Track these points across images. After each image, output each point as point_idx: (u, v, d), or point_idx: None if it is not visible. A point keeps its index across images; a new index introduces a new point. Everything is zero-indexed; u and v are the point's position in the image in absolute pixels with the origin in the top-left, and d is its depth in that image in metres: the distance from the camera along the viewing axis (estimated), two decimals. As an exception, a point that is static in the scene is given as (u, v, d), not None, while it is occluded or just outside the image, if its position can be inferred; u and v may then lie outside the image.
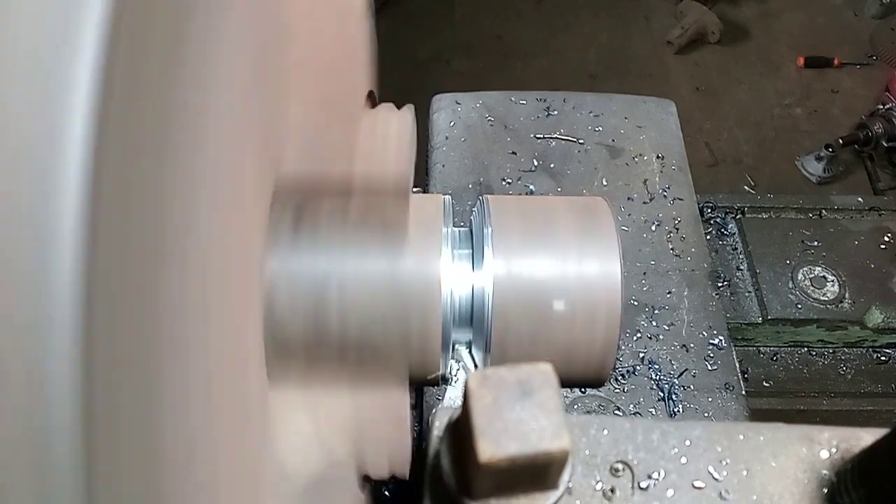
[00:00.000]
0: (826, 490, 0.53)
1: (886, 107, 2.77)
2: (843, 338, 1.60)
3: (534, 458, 0.43)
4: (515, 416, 0.44)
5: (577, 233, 0.64)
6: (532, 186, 1.36)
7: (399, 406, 0.61)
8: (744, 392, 1.19)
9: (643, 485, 0.53)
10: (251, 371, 0.50)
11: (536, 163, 1.40)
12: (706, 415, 1.14)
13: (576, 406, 1.13)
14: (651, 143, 1.44)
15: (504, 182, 1.37)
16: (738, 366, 1.22)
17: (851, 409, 1.55)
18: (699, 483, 0.53)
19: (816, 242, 1.65)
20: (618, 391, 1.15)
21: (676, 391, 1.15)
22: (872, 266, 1.63)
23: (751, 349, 1.62)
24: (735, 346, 1.26)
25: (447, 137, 1.42)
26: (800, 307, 1.56)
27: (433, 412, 0.55)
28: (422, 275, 0.59)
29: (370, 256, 0.57)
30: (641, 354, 1.19)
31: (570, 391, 1.13)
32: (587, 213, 0.66)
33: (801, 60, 3.38)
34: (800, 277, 1.60)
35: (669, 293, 1.25)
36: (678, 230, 1.33)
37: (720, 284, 1.49)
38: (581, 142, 1.43)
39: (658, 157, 1.42)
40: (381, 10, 3.38)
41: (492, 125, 1.44)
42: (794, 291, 1.58)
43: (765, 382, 1.59)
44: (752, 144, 3.12)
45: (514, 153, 1.41)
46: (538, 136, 1.44)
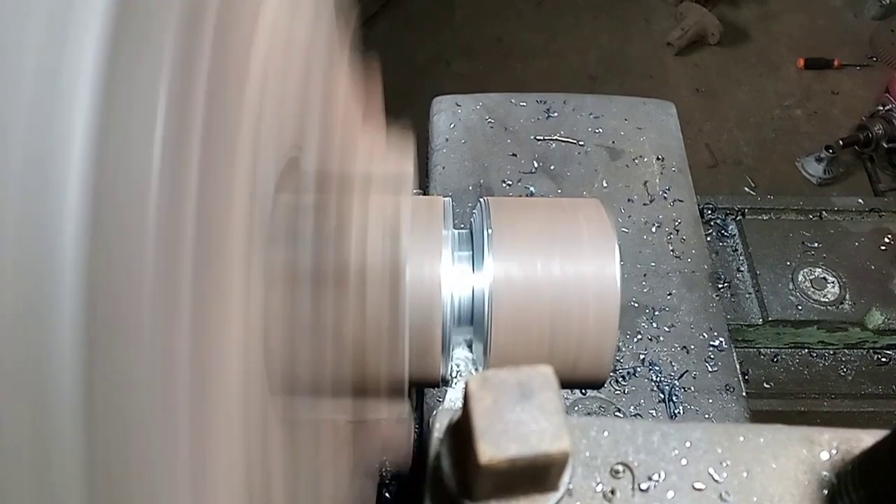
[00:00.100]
0: (826, 491, 0.53)
1: (886, 108, 2.77)
2: (844, 339, 1.60)
3: (534, 460, 0.43)
4: (515, 418, 0.44)
5: (576, 235, 0.64)
6: (532, 188, 1.36)
7: (399, 407, 0.61)
8: (744, 393, 1.19)
9: (643, 486, 0.53)
10: (251, 376, 0.50)
11: (536, 164, 1.40)
12: (707, 416, 1.14)
13: (576, 408, 1.13)
14: (651, 145, 1.44)
15: (504, 184, 1.37)
16: (739, 367, 1.22)
17: (852, 411, 1.55)
18: (699, 484, 0.53)
19: (817, 244, 1.65)
20: (618, 393, 1.15)
21: (677, 393, 1.15)
22: (873, 267, 1.63)
23: (751, 350, 1.62)
24: (735, 348, 1.26)
25: (447, 139, 1.42)
26: (800, 308, 1.56)
27: (433, 414, 0.55)
28: (422, 276, 0.59)
29: (370, 255, 0.58)
30: (642, 356, 1.19)
31: (571, 393, 1.13)
32: (586, 215, 0.66)
33: (801, 62, 3.38)
34: (800, 279, 1.60)
35: (670, 295, 1.25)
36: (678, 232, 1.33)
37: (720, 286, 1.49)
38: (581, 143, 1.43)
39: (658, 159, 1.42)
40: (381, 13, 3.39)
41: (492, 127, 1.45)
42: (795, 293, 1.58)
43: (765, 384, 1.59)
44: (753, 146, 3.12)
45: (515, 155, 1.41)
46: (538, 138, 1.44)
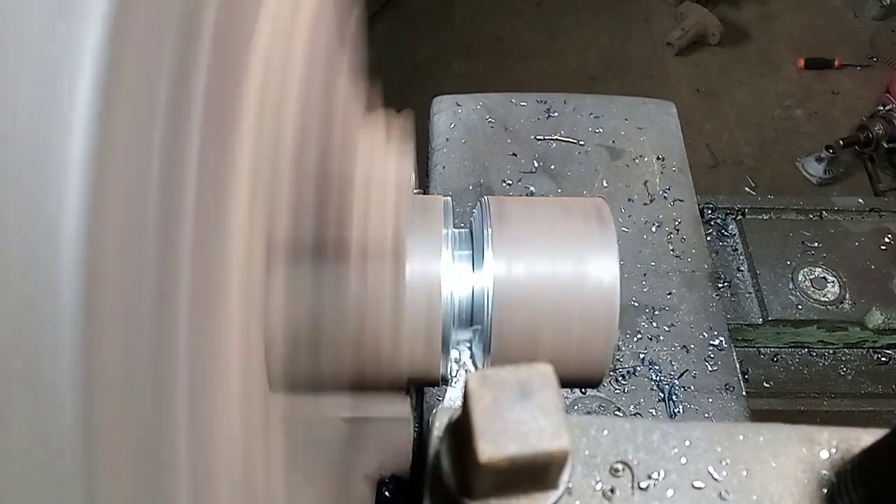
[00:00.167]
0: (826, 490, 0.53)
1: (887, 108, 2.77)
2: (844, 339, 1.60)
3: (533, 459, 0.43)
4: (515, 417, 0.44)
5: (576, 234, 0.64)
6: (532, 188, 1.36)
7: (400, 406, 0.61)
8: (744, 393, 1.19)
9: (643, 485, 0.53)
10: (251, 375, 0.50)
11: (537, 164, 1.40)
12: (706, 415, 1.14)
13: (576, 407, 1.13)
14: (651, 145, 1.44)
15: (504, 183, 1.37)
16: (739, 366, 1.22)
17: (852, 410, 1.55)
18: (699, 483, 0.53)
19: (817, 243, 1.65)
20: (618, 392, 1.15)
21: (677, 392, 1.15)
22: (873, 267, 1.63)
23: (751, 350, 1.62)
24: (735, 347, 1.26)
25: (447, 139, 1.42)
26: (800, 308, 1.56)
27: (433, 413, 0.55)
28: (422, 276, 0.60)
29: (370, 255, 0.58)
30: (642, 355, 1.19)
31: (571, 392, 1.13)
32: (586, 215, 0.66)
33: (802, 62, 3.38)
34: (800, 278, 1.60)
35: (670, 294, 1.25)
36: (678, 231, 1.33)
37: (720, 285, 1.49)
38: (581, 143, 1.43)
39: (658, 159, 1.42)
40: (381, 13, 3.38)
41: (492, 127, 1.45)
42: (795, 292, 1.58)
43: (765, 383, 1.59)
44: (753, 146, 3.12)
45: (515, 155, 1.41)
46: (538, 138, 1.44)
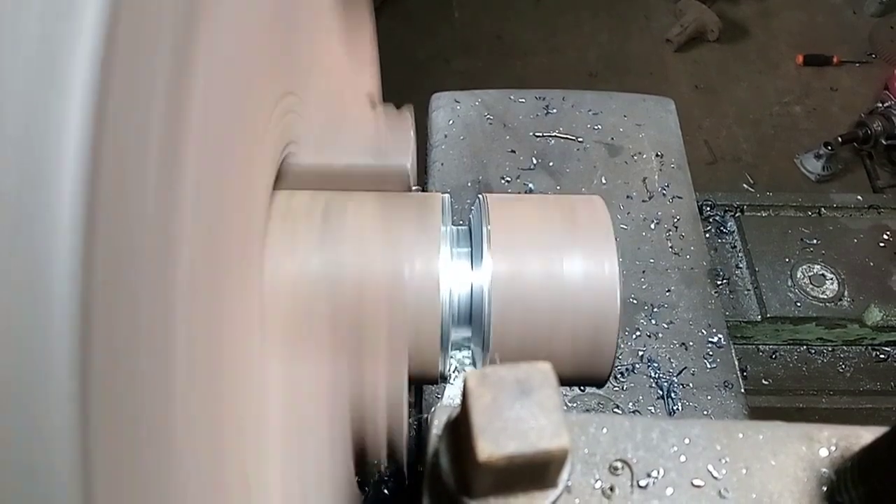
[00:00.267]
0: (825, 488, 0.52)
1: (885, 105, 2.77)
2: (843, 336, 1.60)
3: (533, 457, 0.43)
4: (514, 415, 0.44)
5: (575, 231, 0.64)
6: (531, 185, 1.36)
7: (397, 395, 0.61)
8: (743, 390, 1.19)
9: (642, 483, 0.53)
10: (250, 363, 0.50)
11: (535, 161, 1.40)
12: (705, 413, 1.14)
13: (575, 404, 1.13)
14: (650, 142, 1.44)
15: (503, 180, 1.37)
16: (738, 364, 1.22)
17: (850, 407, 1.56)
18: (698, 481, 0.53)
19: (815, 240, 1.65)
20: (617, 389, 1.15)
21: (675, 389, 1.15)
22: (871, 264, 1.63)
23: (750, 347, 1.62)
24: (734, 344, 1.26)
25: (446, 136, 1.42)
26: (799, 305, 1.56)
27: (432, 411, 0.55)
28: (421, 273, 0.59)
29: (369, 253, 0.57)
30: (640, 352, 1.19)
31: (570, 389, 1.13)
32: (585, 212, 0.66)
33: (801, 58, 3.37)
34: (799, 275, 1.60)
35: (668, 291, 1.25)
36: (677, 228, 1.33)
37: (719, 282, 1.49)
38: (580, 140, 1.43)
39: (657, 156, 1.42)
40: (380, 10, 3.38)
41: (491, 123, 1.44)
42: (794, 289, 1.58)
43: (764, 380, 1.59)
44: (752, 142, 3.12)
45: (513, 151, 1.41)
46: (537, 135, 1.44)
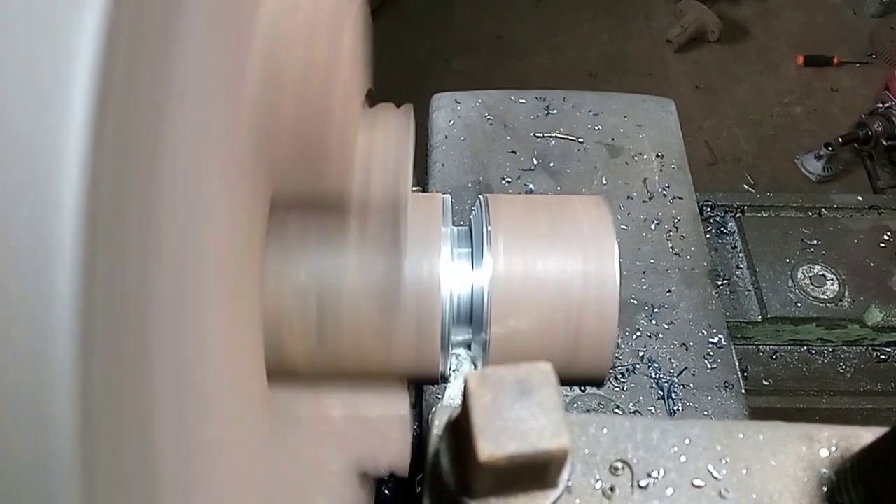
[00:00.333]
0: (826, 489, 0.53)
1: (886, 105, 2.77)
2: (843, 336, 1.60)
3: (533, 457, 0.43)
4: (515, 415, 0.44)
5: (576, 231, 0.64)
6: (531, 185, 1.36)
7: (399, 404, 0.61)
8: (743, 390, 1.19)
9: (643, 483, 0.53)
10: (251, 374, 0.49)
11: (536, 161, 1.40)
12: (706, 413, 1.14)
13: (575, 405, 1.13)
14: (651, 142, 1.44)
15: (503, 181, 1.37)
16: (738, 364, 1.22)
17: (851, 408, 1.55)
18: (699, 482, 0.53)
19: (816, 241, 1.65)
20: (617, 390, 1.15)
21: (676, 390, 1.15)
22: (872, 264, 1.63)
23: (750, 348, 1.62)
24: (734, 345, 1.26)
25: (447, 136, 1.42)
26: (799, 306, 1.56)
27: (433, 411, 0.55)
28: (421, 274, 0.59)
29: (370, 258, 0.57)
30: (641, 353, 1.19)
31: (570, 390, 1.13)
32: (586, 212, 0.66)
33: (801, 59, 3.37)
34: (799, 276, 1.60)
35: (669, 292, 1.25)
36: (678, 229, 1.33)
37: (720, 283, 1.49)
38: (581, 140, 1.43)
39: (658, 156, 1.42)
40: (380, 10, 3.38)
41: (491, 124, 1.44)
42: (794, 290, 1.58)
43: (764, 381, 1.59)
44: (752, 143, 3.12)
45: (514, 152, 1.41)
46: (538, 135, 1.44)
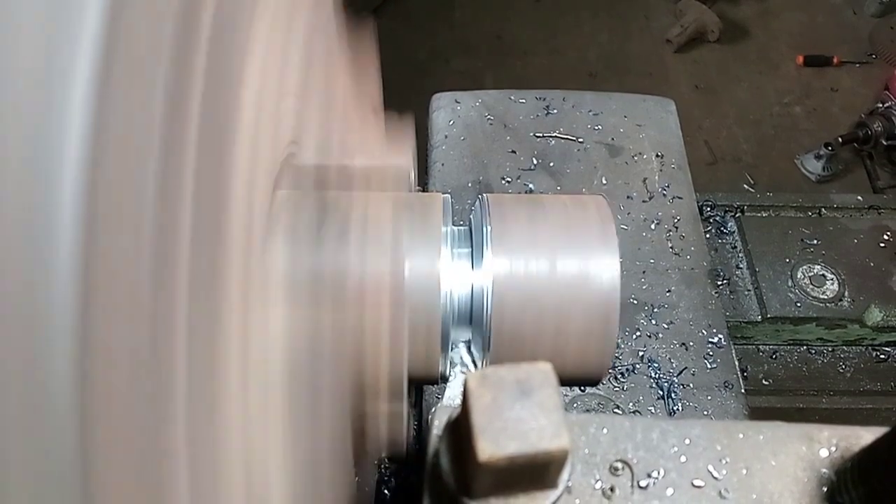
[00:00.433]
0: (826, 489, 0.52)
1: (886, 105, 2.77)
2: (843, 336, 1.60)
3: (533, 458, 0.43)
4: (515, 416, 0.44)
5: (576, 231, 0.64)
6: (531, 185, 1.36)
7: (396, 403, 0.61)
8: (743, 390, 1.19)
9: (643, 483, 0.53)
10: (250, 373, 0.49)
11: (536, 161, 1.40)
12: (705, 413, 1.14)
13: (575, 404, 1.13)
14: (650, 142, 1.44)
15: (503, 181, 1.37)
16: (738, 364, 1.22)
17: (851, 408, 1.55)
18: (699, 482, 0.53)
19: (816, 241, 1.65)
20: (617, 389, 1.15)
21: (676, 389, 1.15)
22: (872, 264, 1.63)
23: (750, 347, 1.62)
24: (734, 345, 1.26)
25: (446, 136, 1.42)
26: (799, 305, 1.56)
27: (432, 411, 0.55)
28: (421, 273, 0.59)
29: (369, 253, 0.57)
30: (641, 353, 1.19)
31: (570, 390, 1.13)
32: (586, 212, 0.66)
33: (801, 59, 3.37)
34: (799, 276, 1.60)
35: (669, 291, 1.25)
36: (677, 229, 1.33)
37: (719, 283, 1.49)
38: (580, 140, 1.43)
39: (657, 156, 1.42)
40: (380, 10, 3.38)
41: (491, 124, 1.44)
42: (794, 290, 1.58)
43: (764, 381, 1.59)
44: (752, 143, 3.12)
45: (514, 152, 1.41)
46: (538, 135, 1.44)
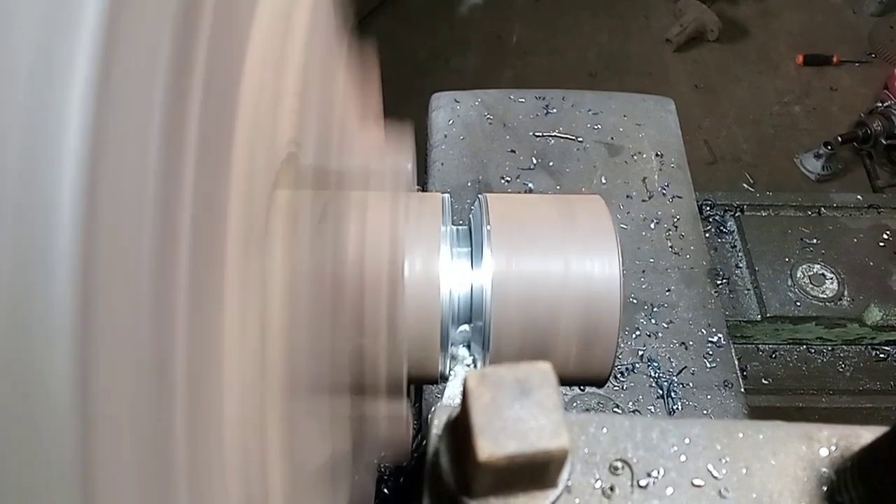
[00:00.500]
0: (826, 488, 0.52)
1: (885, 104, 2.77)
2: (842, 335, 1.60)
3: (533, 457, 0.43)
4: (514, 415, 0.44)
5: (576, 231, 0.64)
6: (531, 184, 1.36)
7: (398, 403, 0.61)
8: (743, 389, 1.19)
9: (642, 483, 0.53)
10: (249, 376, 0.49)
11: (535, 161, 1.40)
12: (705, 412, 1.14)
13: (575, 404, 1.13)
14: (650, 141, 1.44)
15: (503, 180, 1.37)
16: (737, 363, 1.22)
17: (850, 407, 1.56)
18: (698, 481, 0.53)
19: (815, 240, 1.65)
20: (617, 389, 1.15)
21: (675, 389, 1.15)
22: (871, 263, 1.63)
23: (750, 347, 1.62)
24: (734, 344, 1.26)
25: (446, 136, 1.42)
26: (799, 305, 1.56)
27: (432, 410, 0.55)
28: (421, 273, 0.59)
29: (369, 253, 0.57)
30: (640, 352, 1.19)
31: (569, 389, 1.13)
32: (586, 212, 0.66)
33: (800, 58, 3.37)
34: (799, 275, 1.60)
35: (668, 291, 1.25)
36: (677, 228, 1.33)
37: (719, 282, 1.49)
38: (580, 140, 1.43)
39: (657, 155, 1.42)
40: (380, 10, 3.38)
41: (491, 123, 1.44)
42: (793, 289, 1.58)
43: (764, 380, 1.59)
44: (751, 142, 3.12)
45: (513, 151, 1.41)
46: (537, 135, 1.44)
